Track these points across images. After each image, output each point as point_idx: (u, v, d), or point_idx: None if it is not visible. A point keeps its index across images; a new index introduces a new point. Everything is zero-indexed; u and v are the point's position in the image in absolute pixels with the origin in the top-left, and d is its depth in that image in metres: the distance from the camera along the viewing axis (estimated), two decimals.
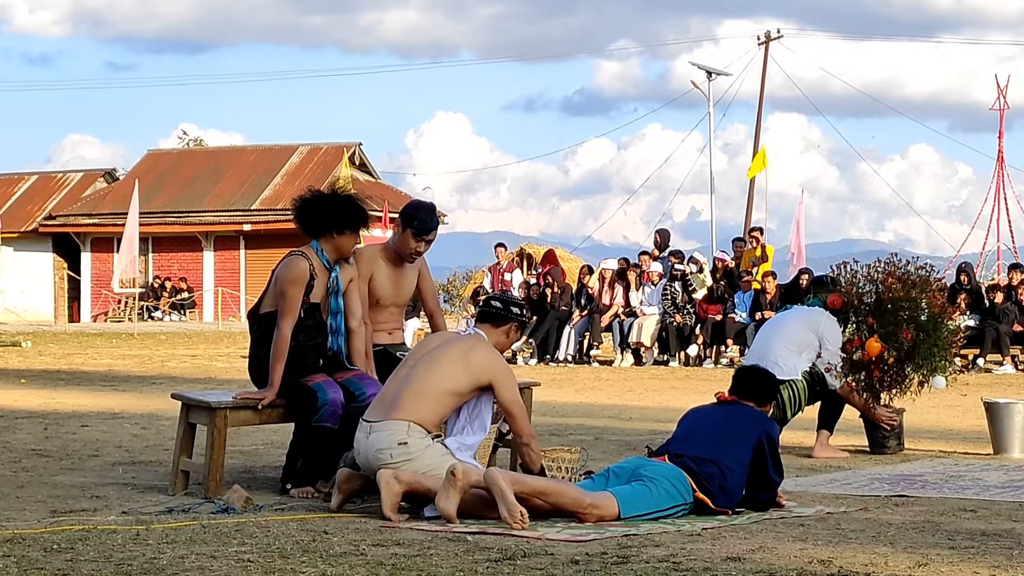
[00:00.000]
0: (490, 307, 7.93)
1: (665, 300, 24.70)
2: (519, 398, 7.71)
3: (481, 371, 7.58)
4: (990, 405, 10.87)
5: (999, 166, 43.96)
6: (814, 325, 10.61)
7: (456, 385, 7.55)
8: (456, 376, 7.55)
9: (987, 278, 31.90)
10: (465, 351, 7.64)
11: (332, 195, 8.51)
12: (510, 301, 8.00)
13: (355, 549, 6.21)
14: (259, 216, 50.67)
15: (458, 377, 7.55)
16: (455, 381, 7.55)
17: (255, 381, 8.44)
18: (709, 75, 47.91)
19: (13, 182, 55.64)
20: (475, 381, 7.58)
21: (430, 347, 7.76)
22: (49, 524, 6.90)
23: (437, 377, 7.55)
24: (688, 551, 6.24)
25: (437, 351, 7.67)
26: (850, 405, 10.80)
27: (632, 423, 13.28)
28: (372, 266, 8.75)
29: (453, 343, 7.73)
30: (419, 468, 7.34)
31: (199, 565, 5.78)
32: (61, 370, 22.13)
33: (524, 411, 7.77)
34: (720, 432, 7.58)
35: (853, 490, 8.54)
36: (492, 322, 7.88)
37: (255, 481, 8.78)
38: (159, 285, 51.34)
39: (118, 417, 13.46)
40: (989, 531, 6.91)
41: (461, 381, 7.56)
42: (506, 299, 8.01)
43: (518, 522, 6.79)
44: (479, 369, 7.58)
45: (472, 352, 7.64)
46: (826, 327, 10.60)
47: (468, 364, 7.58)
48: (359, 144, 53.81)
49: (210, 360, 25.41)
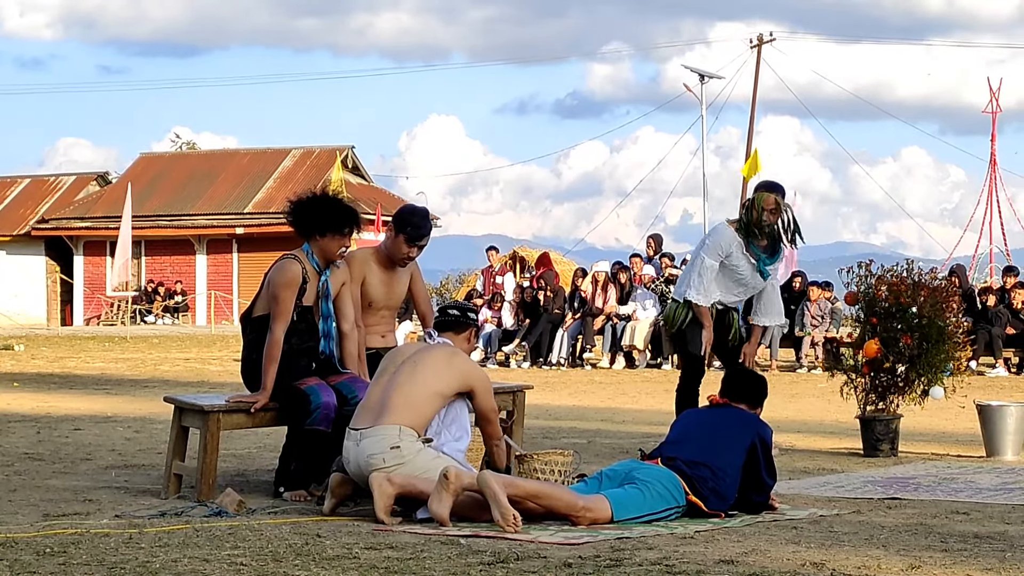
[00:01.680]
0: (448, 315, 8.11)
1: (659, 303, 24.69)
2: (495, 405, 7.97)
3: (465, 376, 7.75)
4: (983, 408, 10.88)
5: (991, 169, 44.04)
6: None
7: (444, 386, 7.65)
8: (443, 378, 7.65)
9: (979, 281, 31.95)
10: (448, 356, 7.78)
11: (318, 197, 8.52)
12: (465, 308, 8.22)
13: (348, 552, 6.21)
14: (252, 219, 50.62)
15: (445, 379, 7.67)
16: (443, 383, 7.65)
17: (248, 384, 8.44)
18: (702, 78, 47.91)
19: (5, 185, 55.58)
20: (459, 385, 7.72)
21: (407, 354, 7.86)
22: (42, 528, 6.90)
23: (424, 380, 7.60)
24: (681, 554, 6.24)
25: (418, 356, 7.75)
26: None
27: (625, 426, 13.28)
28: (364, 269, 8.75)
29: (432, 349, 7.86)
30: (412, 472, 7.35)
31: (192, 568, 5.78)
32: (54, 373, 22.11)
33: (497, 415, 8.03)
34: (713, 435, 7.58)
35: (846, 493, 8.55)
36: (454, 330, 8.05)
37: (248, 484, 8.77)
38: (152, 289, 51.30)
39: (111, 421, 13.45)
40: (982, 533, 6.92)
41: (448, 383, 7.67)
42: (461, 306, 8.23)
43: (511, 525, 6.80)
44: (463, 374, 7.74)
45: (455, 357, 7.79)
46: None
47: (452, 367, 7.72)
48: (352, 147, 53.75)
49: (203, 363, 25.39)
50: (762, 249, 10.49)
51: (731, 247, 10.45)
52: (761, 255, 10.50)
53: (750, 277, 10.56)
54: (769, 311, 10.91)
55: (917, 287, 10.83)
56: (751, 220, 10.38)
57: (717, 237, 10.49)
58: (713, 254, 10.48)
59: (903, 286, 10.82)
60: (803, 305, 23.61)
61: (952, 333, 10.90)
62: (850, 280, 11.09)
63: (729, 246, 10.44)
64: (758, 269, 10.53)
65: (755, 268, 10.52)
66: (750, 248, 10.45)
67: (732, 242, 10.44)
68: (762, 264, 10.51)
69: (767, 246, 10.50)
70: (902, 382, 10.89)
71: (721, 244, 10.46)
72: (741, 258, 10.47)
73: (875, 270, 11.00)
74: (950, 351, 10.89)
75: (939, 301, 10.84)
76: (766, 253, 10.52)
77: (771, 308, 10.90)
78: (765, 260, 10.53)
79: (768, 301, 10.87)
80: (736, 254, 10.46)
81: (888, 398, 10.92)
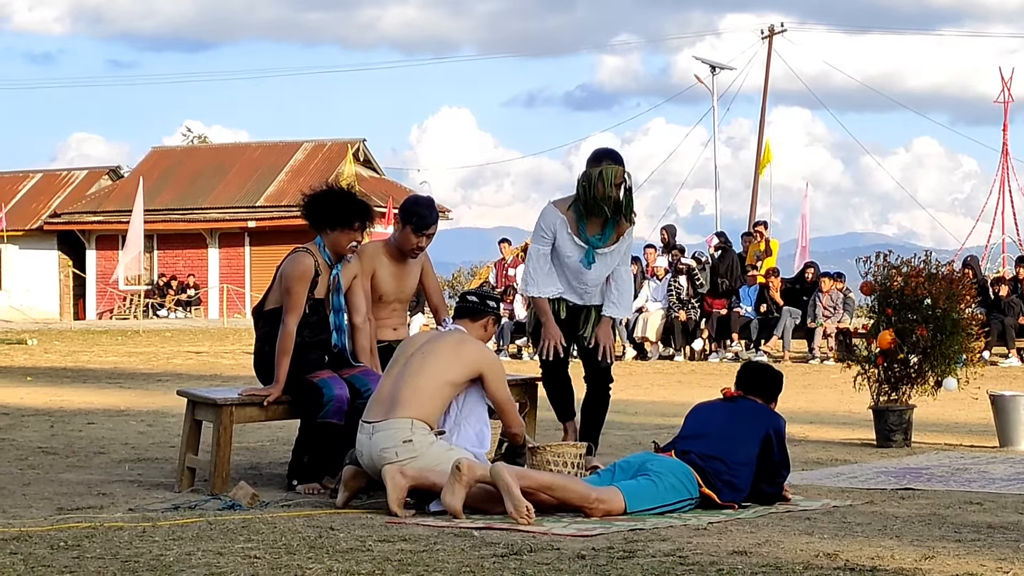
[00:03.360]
0: (467, 302, 8.06)
1: (670, 295, 24.69)
2: (508, 394, 7.82)
3: (473, 362, 7.68)
4: (996, 398, 10.87)
5: (1004, 159, 43.94)
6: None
7: (453, 375, 7.61)
8: (451, 367, 7.62)
9: (992, 271, 31.89)
10: (456, 344, 7.73)
11: (330, 191, 8.52)
12: (486, 295, 8.16)
13: (361, 545, 6.22)
14: (264, 213, 50.66)
15: (453, 368, 7.62)
16: (451, 372, 7.61)
17: (261, 378, 8.45)
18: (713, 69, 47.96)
19: (18, 180, 55.66)
20: (468, 372, 7.65)
21: (418, 344, 7.82)
22: (55, 521, 6.91)
23: (434, 370, 7.58)
24: (694, 545, 6.24)
25: (427, 347, 7.72)
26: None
27: (637, 418, 13.28)
28: (375, 262, 8.75)
29: (441, 338, 7.81)
30: (425, 465, 7.35)
31: (205, 562, 5.79)
32: (67, 368, 22.14)
33: (514, 404, 7.91)
34: (727, 428, 7.57)
35: (859, 483, 8.54)
36: (470, 317, 7.99)
37: (261, 478, 8.78)
38: (165, 283, 51.37)
39: (124, 414, 13.47)
40: (995, 524, 6.91)
41: (457, 371, 7.63)
42: (482, 293, 8.17)
43: (524, 517, 6.80)
44: (471, 360, 7.68)
45: (463, 345, 7.74)
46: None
47: (460, 355, 7.67)
48: (363, 140, 53.77)
49: (215, 357, 25.42)
50: (593, 231, 9.24)
51: (555, 226, 9.24)
52: (590, 238, 9.23)
53: (577, 262, 9.26)
54: (620, 302, 9.48)
55: (933, 279, 10.83)
56: (596, 195, 9.08)
57: (540, 220, 9.29)
58: (539, 239, 9.31)
59: (920, 278, 10.82)
60: (815, 296, 23.59)
61: (967, 324, 10.90)
62: (867, 270, 11.08)
63: (553, 225, 9.24)
64: (586, 254, 9.23)
65: (583, 253, 9.23)
66: (580, 229, 9.23)
67: (556, 221, 9.24)
68: (591, 248, 9.23)
69: (600, 226, 9.24)
70: (915, 373, 10.89)
71: (542, 226, 9.28)
72: (568, 240, 9.24)
73: (892, 260, 10.99)
74: (964, 342, 10.88)
75: (955, 293, 10.84)
76: (597, 235, 9.25)
77: (622, 299, 9.49)
78: (595, 242, 9.24)
79: (619, 290, 9.45)
80: (562, 234, 9.24)
81: (901, 389, 10.91)
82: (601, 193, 9.05)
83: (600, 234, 9.24)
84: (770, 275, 24.38)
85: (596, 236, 9.23)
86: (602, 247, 9.26)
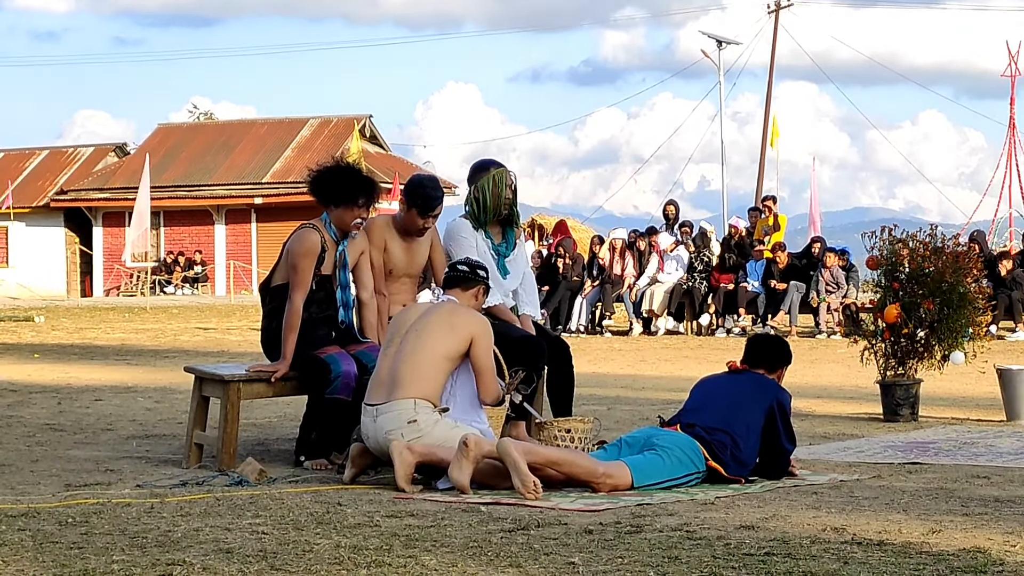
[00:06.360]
0: (457, 271, 8.01)
1: (692, 263, 24.79)
2: (491, 362, 7.72)
3: (466, 329, 7.62)
4: (1003, 372, 10.86)
5: (1011, 133, 43.88)
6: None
7: (448, 349, 7.58)
8: (447, 341, 7.58)
9: (999, 245, 31.87)
10: (448, 314, 7.70)
11: (336, 167, 8.51)
12: (475, 264, 8.09)
13: (369, 520, 6.23)
14: (270, 189, 50.68)
15: (448, 341, 7.59)
16: (446, 346, 7.58)
17: (268, 354, 8.46)
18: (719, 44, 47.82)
19: (24, 157, 55.71)
20: (464, 343, 7.60)
21: (411, 320, 7.76)
22: (64, 498, 6.92)
23: (429, 346, 7.56)
24: (702, 520, 6.25)
25: (421, 322, 7.68)
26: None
27: (644, 392, 13.28)
28: (385, 235, 8.73)
29: (433, 311, 7.77)
30: (431, 443, 7.35)
31: (213, 537, 5.80)
32: (74, 344, 22.17)
33: (494, 374, 7.73)
34: (732, 401, 7.58)
35: (866, 458, 8.55)
36: (461, 286, 7.95)
37: (269, 453, 8.79)
38: (172, 259, 51.39)
39: (131, 391, 13.49)
40: (1003, 497, 6.91)
41: (452, 345, 7.59)
42: (471, 263, 8.10)
43: (531, 492, 6.80)
44: (464, 328, 7.62)
45: (455, 315, 7.70)
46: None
47: (454, 328, 7.63)
48: (370, 116, 53.76)
49: (223, 333, 25.45)
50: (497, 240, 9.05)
51: (475, 237, 8.95)
52: (498, 246, 9.04)
53: (496, 271, 8.93)
54: (533, 302, 9.29)
55: (939, 252, 10.82)
56: (492, 203, 8.90)
57: (456, 233, 8.98)
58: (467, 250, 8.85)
59: (927, 251, 10.81)
60: (818, 271, 23.59)
61: (973, 298, 10.89)
62: (873, 244, 11.07)
63: (474, 235, 8.95)
64: (499, 264, 9.00)
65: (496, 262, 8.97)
66: (489, 241, 9.00)
67: (473, 232, 8.96)
68: (502, 257, 9.04)
69: (501, 235, 9.07)
70: (922, 347, 10.88)
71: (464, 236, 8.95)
72: (485, 252, 8.95)
73: (898, 235, 10.98)
74: (971, 316, 10.87)
75: (961, 267, 10.83)
76: (502, 243, 9.06)
77: (533, 300, 9.30)
78: (502, 250, 9.06)
79: (528, 291, 9.25)
80: (481, 246, 8.95)
81: (908, 363, 10.91)
82: (496, 195, 8.90)
83: (504, 242, 9.10)
84: (776, 250, 24.37)
85: (502, 244, 9.09)
86: (509, 255, 9.14)
